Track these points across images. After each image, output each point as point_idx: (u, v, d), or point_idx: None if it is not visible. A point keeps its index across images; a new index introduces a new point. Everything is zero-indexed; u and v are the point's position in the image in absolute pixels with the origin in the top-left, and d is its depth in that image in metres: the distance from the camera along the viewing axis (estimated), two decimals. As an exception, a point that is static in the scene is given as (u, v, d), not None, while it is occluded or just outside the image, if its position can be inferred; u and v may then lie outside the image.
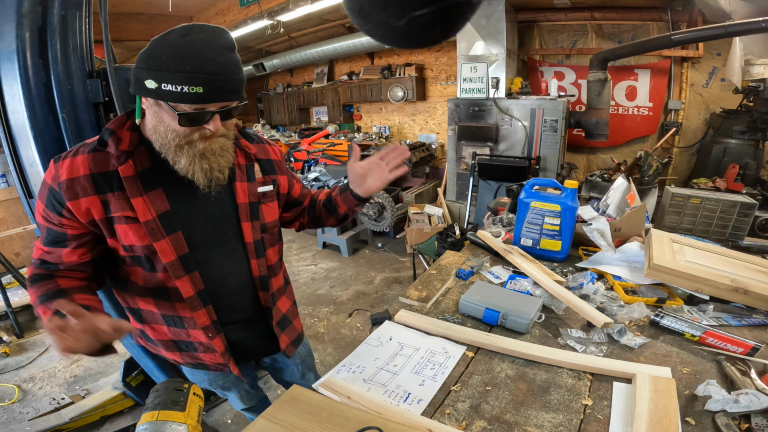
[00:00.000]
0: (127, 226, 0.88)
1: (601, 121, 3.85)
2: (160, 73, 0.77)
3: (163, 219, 0.90)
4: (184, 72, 0.76)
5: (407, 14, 0.42)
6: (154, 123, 0.86)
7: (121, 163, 0.87)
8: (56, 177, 0.86)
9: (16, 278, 2.97)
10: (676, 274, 1.14)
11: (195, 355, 1.07)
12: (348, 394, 0.84)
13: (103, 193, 0.87)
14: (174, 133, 0.85)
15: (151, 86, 0.79)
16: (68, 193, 0.85)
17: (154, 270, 0.94)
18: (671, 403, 0.76)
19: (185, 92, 0.77)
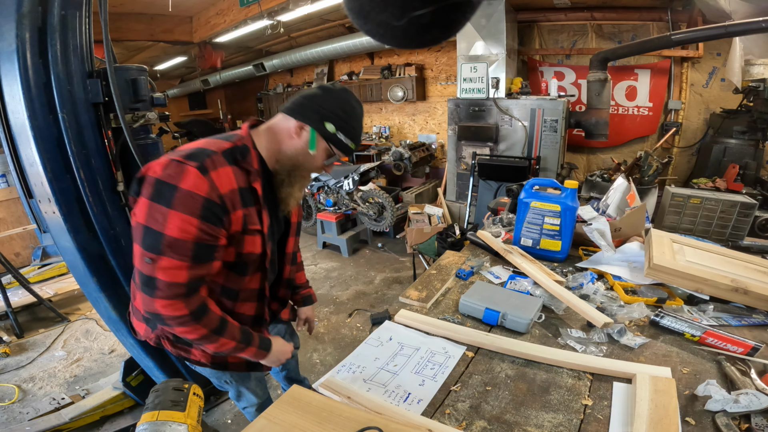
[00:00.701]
0: (254, 237, 0.98)
1: (601, 121, 3.85)
2: (341, 123, 0.98)
3: (269, 231, 1.04)
4: (354, 130, 1.01)
5: (407, 14, 0.42)
6: (300, 152, 1.00)
7: (255, 180, 0.97)
8: (214, 189, 0.86)
9: (16, 278, 2.98)
10: (676, 274, 1.14)
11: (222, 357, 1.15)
12: (348, 394, 0.84)
13: (245, 206, 0.95)
14: (311, 166, 1.03)
15: (331, 130, 0.98)
16: (230, 204, 0.90)
17: (244, 273, 1.04)
18: (671, 403, 0.76)
19: (347, 145, 1.00)
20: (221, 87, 7.56)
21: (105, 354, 2.72)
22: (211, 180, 0.86)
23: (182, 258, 0.85)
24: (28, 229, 3.91)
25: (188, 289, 0.88)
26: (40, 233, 3.95)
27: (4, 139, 1.52)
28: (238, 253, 0.97)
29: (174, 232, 0.84)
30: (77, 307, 3.35)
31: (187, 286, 0.87)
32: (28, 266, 3.98)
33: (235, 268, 1.01)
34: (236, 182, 0.92)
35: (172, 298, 0.86)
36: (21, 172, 1.55)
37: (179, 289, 0.86)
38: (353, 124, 1.00)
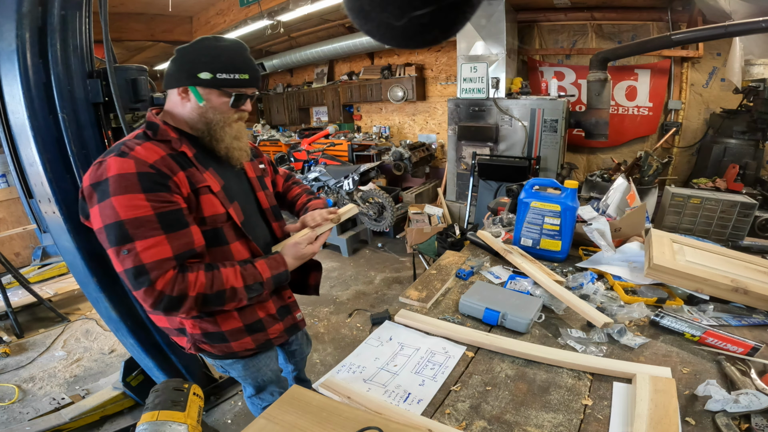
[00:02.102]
0: (207, 196, 0.98)
1: (601, 121, 3.85)
2: (215, 65, 0.95)
3: (225, 190, 1.04)
4: (233, 63, 0.97)
5: (407, 14, 0.42)
6: (202, 109, 0.99)
7: (180, 146, 0.98)
8: (141, 163, 0.88)
9: (16, 278, 2.98)
10: (676, 274, 1.14)
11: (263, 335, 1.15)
12: (348, 394, 0.84)
13: (184, 168, 0.95)
14: (221, 115, 1.01)
15: (207, 77, 0.95)
16: (165, 169, 0.90)
17: (225, 242, 1.03)
18: (671, 403, 0.76)
19: (237, 79, 0.97)
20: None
21: (105, 354, 2.72)
22: (134, 157, 0.88)
23: (155, 233, 0.85)
24: (28, 229, 3.91)
25: (178, 262, 0.89)
26: (40, 233, 3.95)
27: (4, 139, 1.52)
28: (202, 218, 0.98)
29: (129, 214, 0.84)
30: (77, 307, 3.35)
31: (176, 258, 0.88)
32: (28, 266, 3.98)
33: (213, 239, 1.01)
34: (162, 151, 0.93)
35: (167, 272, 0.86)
36: (21, 172, 1.55)
37: (170, 263, 0.87)
38: (226, 58, 0.97)
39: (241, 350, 1.14)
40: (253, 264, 1.01)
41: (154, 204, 0.86)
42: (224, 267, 0.96)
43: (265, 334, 1.15)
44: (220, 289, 0.92)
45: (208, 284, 0.91)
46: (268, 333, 1.16)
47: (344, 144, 5.49)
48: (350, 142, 5.53)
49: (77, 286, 3.07)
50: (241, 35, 5.12)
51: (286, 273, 1.07)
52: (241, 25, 4.84)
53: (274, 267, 1.04)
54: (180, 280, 0.87)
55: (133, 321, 1.81)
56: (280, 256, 1.07)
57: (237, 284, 0.95)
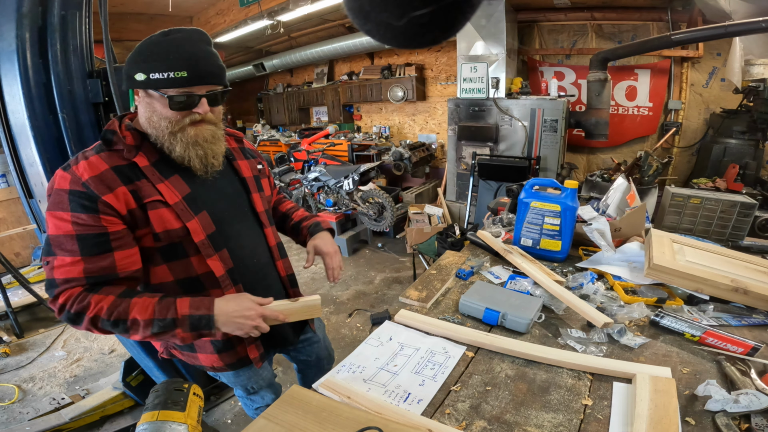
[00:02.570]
0: (159, 210, 0.91)
1: (601, 121, 3.85)
2: (148, 65, 0.86)
3: (188, 200, 0.96)
4: (167, 60, 0.85)
5: (407, 14, 0.42)
6: (148, 114, 0.91)
7: (133, 155, 0.91)
8: (76, 179, 0.85)
9: (16, 278, 2.97)
10: (676, 274, 1.14)
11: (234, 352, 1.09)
12: (348, 394, 0.84)
13: (130, 182, 0.89)
14: (166, 121, 0.90)
15: (141, 78, 0.87)
16: (100, 187, 0.85)
17: (186, 255, 0.97)
18: (671, 403, 0.76)
19: (171, 77, 0.85)
20: (221, 87, 7.53)
21: (105, 354, 2.72)
22: (72, 173, 0.86)
23: (71, 254, 0.84)
24: (28, 229, 3.91)
25: (89, 283, 0.86)
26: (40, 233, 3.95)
27: (4, 139, 1.52)
28: (155, 234, 0.92)
29: (52, 230, 0.85)
30: (77, 307, 3.34)
31: (87, 279, 0.85)
32: (28, 266, 3.98)
33: (171, 253, 0.96)
34: (106, 164, 0.88)
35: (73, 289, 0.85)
36: (21, 172, 1.55)
37: (78, 281, 0.85)
38: (163, 54, 0.86)
39: (209, 365, 1.11)
40: (176, 299, 0.89)
41: (75, 224, 0.84)
42: (139, 297, 0.87)
43: (234, 354, 1.09)
44: (119, 318, 0.84)
45: (109, 311, 0.84)
46: (238, 352, 1.10)
47: (344, 144, 5.49)
48: (350, 142, 5.53)
49: (77, 286, 3.06)
50: (241, 35, 5.13)
51: (208, 319, 0.88)
52: (241, 25, 4.84)
53: (195, 307, 0.88)
54: (80, 299, 0.84)
55: (133, 321, 1.81)
56: (211, 301, 0.90)
57: (140, 316, 0.85)
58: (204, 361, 1.11)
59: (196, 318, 0.87)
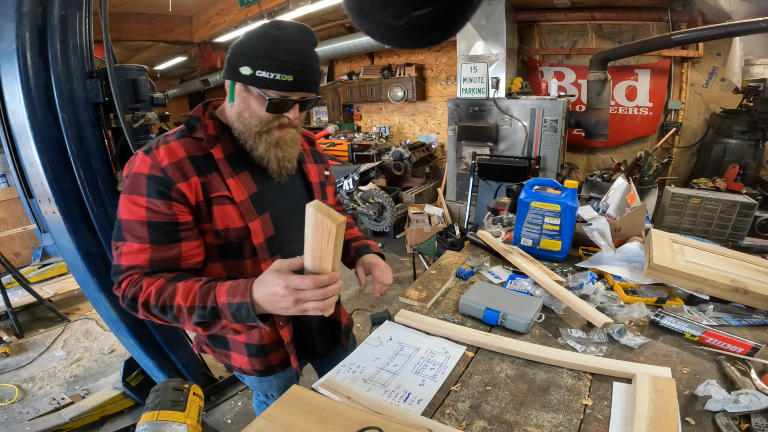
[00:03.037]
0: (224, 207, 0.90)
1: (601, 121, 3.85)
2: (257, 60, 0.82)
3: (254, 199, 0.94)
4: (278, 60, 0.82)
5: (407, 14, 0.42)
6: (240, 109, 0.90)
7: (211, 146, 0.90)
8: (156, 164, 0.84)
9: (16, 278, 2.98)
10: (676, 274, 1.14)
11: (266, 360, 1.06)
12: (348, 394, 0.84)
13: (203, 174, 0.88)
14: (257, 120, 0.89)
15: (246, 72, 0.83)
16: (176, 174, 0.84)
17: (242, 256, 0.95)
18: (671, 403, 0.76)
19: (277, 79, 0.83)
20: (221, 87, 7.54)
21: (105, 354, 2.72)
22: (153, 157, 0.85)
23: (140, 240, 0.84)
24: (28, 229, 3.92)
25: (152, 270, 0.85)
26: (40, 233, 3.96)
27: (4, 139, 1.52)
28: (216, 231, 0.90)
29: (125, 214, 0.84)
30: (77, 307, 3.35)
31: (151, 267, 0.84)
32: (28, 266, 3.98)
33: (227, 252, 0.94)
34: (185, 151, 0.88)
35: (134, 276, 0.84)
36: (21, 172, 1.55)
37: (141, 269, 0.84)
38: (272, 52, 0.82)
39: (237, 367, 1.09)
40: (217, 284, 0.81)
41: (149, 210, 0.83)
42: (186, 281, 0.83)
43: (265, 361, 1.06)
44: (166, 303, 0.81)
45: (157, 296, 0.81)
46: (270, 360, 1.06)
47: (344, 144, 5.49)
48: (350, 142, 5.53)
49: (77, 286, 3.07)
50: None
51: (247, 307, 0.77)
52: (241, 25, 4.84)
53: (231, 294, 0.78)
54: (134, 284, 0.83)
55: (133, 321, 1.81)
56: (247, 286, 0.78)
57: (183, 303, 0.80)
58: (235, 361, 1.08)
59: (235, 307, 0.77)
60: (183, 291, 0.80)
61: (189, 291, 0.80)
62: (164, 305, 0.81)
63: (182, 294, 0.80)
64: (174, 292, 0.81)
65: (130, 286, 0.83)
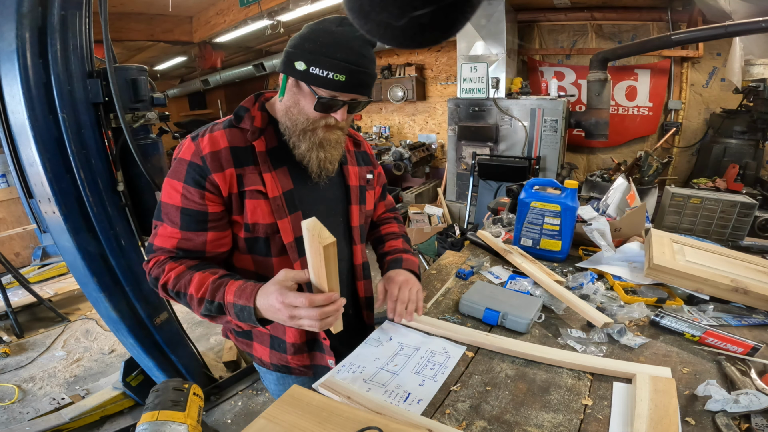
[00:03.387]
0: (256, 201, 0.89)
1: (601, 121, 3.85)
2: (312, 56, 0.81)
3: (287, 197, 0.93)
4: (334, 59, 0.80)
5: (407, 14, 0.42)
6: (289, 104, 0.89)
7: (255, 138, 0.90)
8: (198, 152, 0.86)
9: (16, 278, 2.98)
10: (676, 274, 1.14)
11: (283, 357, 1.05)
12: (348, 394, 0.84)
13: (241, 166, 0.88)
14: (305, 117, 0.88)
15: (300, 68, 0.82)
16: (213, 164, 0.85)
17: (269, 254, 0.95)
18: (671, 403, 0.76)
19: (329, 78, 0.81)
20: (221, 87, 7.56)
21: (105, 354, 2.72)
22: (197, 144, 0.87)
23: (173, 225, 0.87)
24: (28, 229, 3.92)
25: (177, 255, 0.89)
26: (40, 233, 3.96)
27: (4, 139, 1.52)
28: (246, 225, 0.90)
29: (165, 197, 0.88)
30: (77, 307, 3.35)
31: (177, 252, 0.89)
32: (28, 266, 3.98)
33: (254, 247, 0.94)
34: (227, 141, 0.88)
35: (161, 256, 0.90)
36: (21, 172, 1.55)
37: (168, 252, 0.89)
38: (328, 48, 0.80)
39: (258, 358, 1.08)
40: (228, 282, 0.83)
41: (184, 197, 0.86)
42: (201, 272, 0.85)
43: (282, 357, 1.05)
44: (180, 290, 0.84)
45: (175, 281, 0.85)
46: (288, 358, 1.04)
47: (344, 144, 5.48)
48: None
49: (77, 286, 3.07)
50: (241, 35, 5.12)
51: (249, 311, 0.78)
52: (241, 25, 4.84)
53: (238, 295, 0.80)
54: (158, 265, 0.88)
55: (133, 321, 1.81)
56: (253, 290, 0.79)
57: (195, 293, 0.82)
58: (256, 351, 1.08)
59: (239, 308, 0.80)
60: (197, 282, 0.83)
61: (202, 283, 0.83)
62: (179, 291, 0.85)
63: (196, 284, 0.83)
64: (189, 281, 0.84)
65: (156, 267, 0.88)
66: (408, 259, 1.17)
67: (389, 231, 1.26)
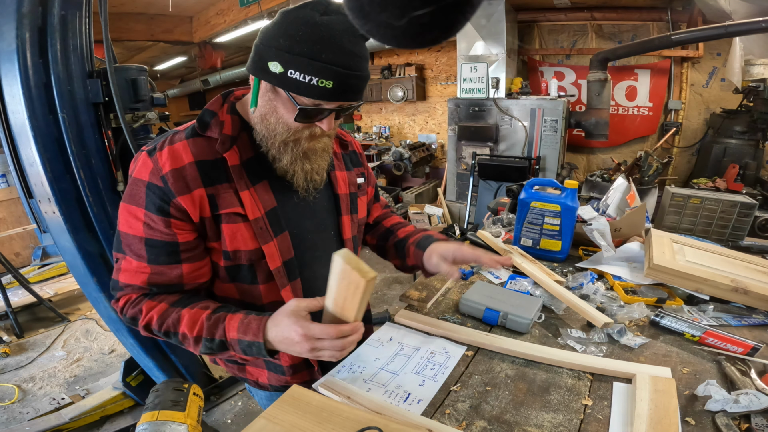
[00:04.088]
0: (234, 225, 0.77)
1: (601, 121, 3.86)
2: (291, 57, 0.65)
3: (270, 216, 0.80)
4: (318, 61, 0.65)
5: (407, 14, 0.42)
6: (264, 112, 0.75)
7: (226, 150, 0.76)
8: (156, 170, 0.72)
9: (16, 278, 2.98)
10: (676, 274, 1.14)
11: (282, 378, 0.98)
12: (348, 394, 0.84)
13: (212, 184, 0.75)
14: (285, 128, 0.74)
15: (276, 70, 0.67)
16: (177, 185, 0.71)
17: (255, 281, 0.83)
18: (671, 403, 0.76)
19: (313, 84, 0.66)
20: (221, 87, 7.56)
21: (105, 354, 2.72)
22: (155, 160, 0.72)
23: (139, 258, 0.75)
24: (28, 229, 3.92)
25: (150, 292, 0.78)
26: (40, 233, 3.96)
27: (4, 139, 1.52)
28: (225, 252, 0.78)
29: (123, 226, 0.75)
30: (77, 307, 3.35)
31: (150, 288, 0.77)
32: (28, 266, 3.99)
33: (236, 275, 0.83)
34: (191, 155, 0.73)
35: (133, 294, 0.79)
36: (21, 172, 1.55)
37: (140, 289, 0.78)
38: (314, 50, 0.64)
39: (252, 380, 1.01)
40: (226, 317, 0.75)
41: (147, 226, 0.73)
42: (191, 307, 0.76)
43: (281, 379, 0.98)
44: (170, 330, 0.75)
45: (159, 321, 0.75)
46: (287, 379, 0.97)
47: (344, 144, 5.48)
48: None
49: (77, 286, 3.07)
50: (241, 35, 5.12)
51: (259, 346, 0.72)
52: (241, 25, 4.84)
53: (242, 331, 0.73)
54: (134, 304, 0.77)
55: (133, 321, 1.81)
56: (259, 326, 0.73)
57: (189, 332, 0.74)
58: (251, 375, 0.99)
59: (246, 344, 0.73)
60: (189, 320, 0.74)
61: (195, 321, 0.74)
62: (168, 331, 0.76)
63: (188, 323, 0.74)
64: (178, 320, 0.75)
65: (129, 306, 0.77)
66: (435, 235, 1.05)
67: (395, 222, 1.15)
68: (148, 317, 0.76)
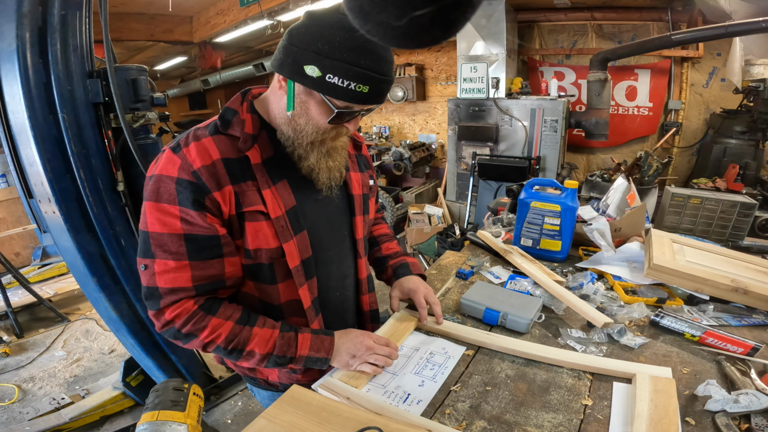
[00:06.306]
0: (257, 224, 0.78)
1: (601, 121, 3.85)
2: (330, 62, 0.66)
3: (291, 215, 0.81)
4: (357, 67, 0.66)
5: (407, 14, 0.42)
6: (294, 113, 0.76)
7: (248, 148, 0.77)
8: (186, 165, 0.71)
9: (16, 278, 2.98)
10: (676, 274, 1.14)
11: (293, 376, 0.99)
12: (347, 394, 0.84)
13: (237, 182, 0.75)
14: (314, 128, 0.76)
15: (313, 74, 0.68)
16: (211, 181, 0.72)
17: (274, 281, 0.85)
18: (671, 403, 0.76)
19: (351, 89, 0.68)
20: (221, 87, 7.56)
21: (105, 354, 2.72)
22: (183, 156, 0.72)
23: (176, 257, 0.73)
24: (28, 229, 3.92)
25: (198, 292, 0.76)
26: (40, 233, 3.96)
27: (4, 139, 1.52)
28: (246, 250, 0.79)
29: (155, 226, 0.72)
30: (77, 307, 3.35)
31: (196, 289, 0.75)
32: (28, 266, 3.99)
33: (255, 274, 0.84)
34: (218, 152, 0.74)
35: (181, 302, 0.75)
36: (21, 172, 1.55)
37: (187, 293, 0.75)
38: (353, 56, 0.66)
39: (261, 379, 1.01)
40: (298, 334, 0.81)
41: (185, 222, 0.72)
42: (259, 326, 0.79)
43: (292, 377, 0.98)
44: (236, 347, 0.77)
45: (228, 339, 0.76)
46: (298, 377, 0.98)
47: (344, 144, 5.48)
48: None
49: (77, 286, 3.08)
50: (241, 35, 5.12)
51: (324, 362, 0.84)
52: (241, 25, 4.83)
53: (315, 349, 0.82)
54: (196, 321, 0.75)
55: (133, 321, 1.81)
56: (331, 343, 0.84)
57: (259, 350, 0.78)
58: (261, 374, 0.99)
59: (314, 360, 0.82)
60: (261, 338, 0.79)
61: (268, 339, 0.79)
62: (234, 348, 0.78)
63: (260, 341, 0.79)
64: (249, 339, 0.78)
65: (187, 322, 0.74)
66: (413, 263, 1.15)
67: (382, 233, 1.20)
68: (214, 335, 0.76)
